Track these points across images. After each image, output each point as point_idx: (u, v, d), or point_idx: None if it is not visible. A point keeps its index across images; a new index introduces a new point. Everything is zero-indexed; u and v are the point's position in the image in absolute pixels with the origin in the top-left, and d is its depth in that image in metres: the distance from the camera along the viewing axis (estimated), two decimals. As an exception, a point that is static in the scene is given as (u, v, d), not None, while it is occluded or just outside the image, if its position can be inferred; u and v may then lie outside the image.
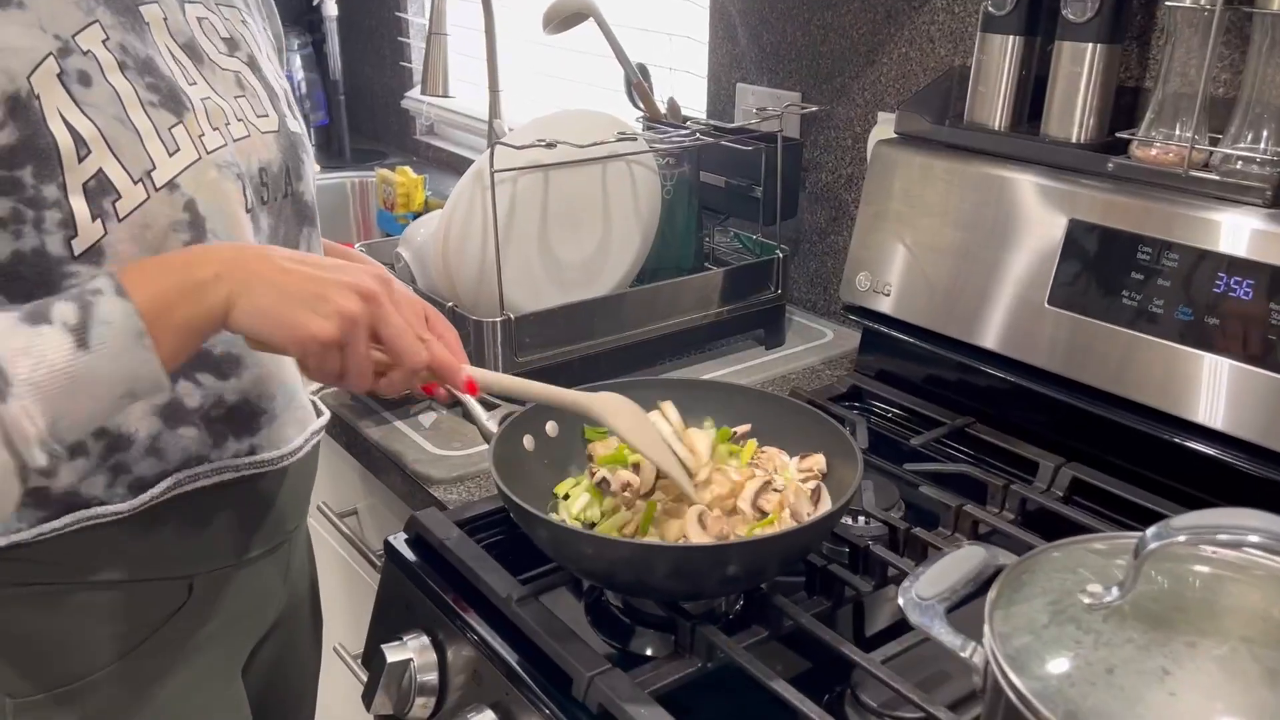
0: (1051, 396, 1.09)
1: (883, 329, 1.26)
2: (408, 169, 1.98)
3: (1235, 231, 0.94)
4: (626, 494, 0.88)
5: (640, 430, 0.84)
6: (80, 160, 0.69)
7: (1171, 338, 0.98)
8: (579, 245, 1.26)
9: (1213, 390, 0.96)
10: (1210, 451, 0.97)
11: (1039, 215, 1.09)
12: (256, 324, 0.68)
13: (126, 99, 0.72)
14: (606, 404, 0.84)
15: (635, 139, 1.26)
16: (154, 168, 0.73)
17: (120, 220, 0.72)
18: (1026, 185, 1.10)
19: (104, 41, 0.72)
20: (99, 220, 0.71)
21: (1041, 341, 1.08)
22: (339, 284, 0.70)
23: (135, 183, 0.72)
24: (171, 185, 0.74)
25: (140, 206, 0.72)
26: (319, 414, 0.94)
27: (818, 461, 0.92)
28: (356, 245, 1.41)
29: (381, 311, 0.71)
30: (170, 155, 0.74)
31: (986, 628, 0.59)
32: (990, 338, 1.13)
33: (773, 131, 1.33)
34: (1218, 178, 0.97)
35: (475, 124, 2.27)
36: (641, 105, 1.55)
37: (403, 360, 0.74)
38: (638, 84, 1.55)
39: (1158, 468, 1.01)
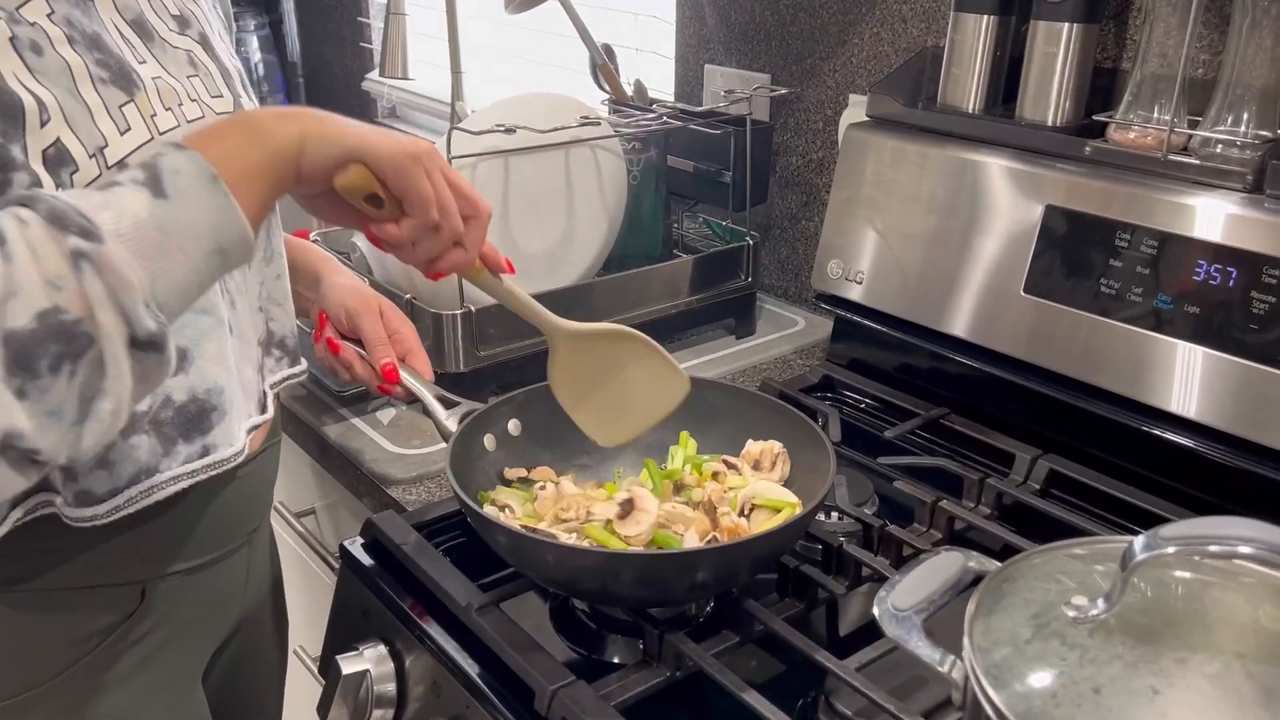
0: (1027, 386, 1.06)
1: (855, 318, 1.23)
2: (368, 153, 1.92)
3: (1215, 217, 0.92)
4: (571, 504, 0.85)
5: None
6: (42, 125, 0.66)
7: (1150, 326, 0.96)
8: (542, 234, 1.22)
9: (1188, 379, 0.94)
10: (1188, 443, 0.95)
11: (1014, 200, 1.06)
12: (335, 146, 0.69)
13: (77, 73, 0.69)
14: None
15: (599, 123, 1.22)
16: (106, 145, 0.70)
17: None
18: (1001, 170, 1.07)
19: (49, 15, 0.69)
20: (61, 191, 0.67)
21: (1017, 330, 1.06)
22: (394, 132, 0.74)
23: (90, 157, 0.69)
24: (123, 165, 0.70)
25: (94, 183, 0.68)
26: (265, 410, 0.90)
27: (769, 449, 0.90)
28: (313, 233, 1.37)
29: (439, 160, 0.75)
30: (121, 134, 0.71)
31: (966, 641, 0.56)
32: (965, 326, 1.11)
33: (742, 114, 1.29)
34: (1197, 161, 0.94)
35: (438, 106, 2.21)
36: (607, 87, 1.51)
37: (475, 203, 0.77)
38: (603, 65, 1.51)
39: (1137, 459, 0.99)
